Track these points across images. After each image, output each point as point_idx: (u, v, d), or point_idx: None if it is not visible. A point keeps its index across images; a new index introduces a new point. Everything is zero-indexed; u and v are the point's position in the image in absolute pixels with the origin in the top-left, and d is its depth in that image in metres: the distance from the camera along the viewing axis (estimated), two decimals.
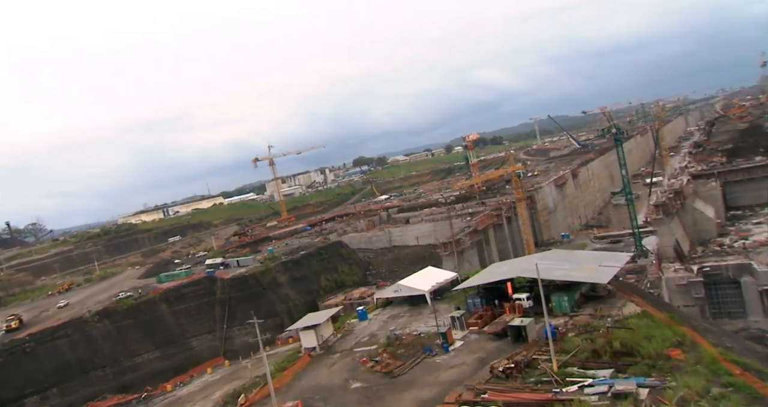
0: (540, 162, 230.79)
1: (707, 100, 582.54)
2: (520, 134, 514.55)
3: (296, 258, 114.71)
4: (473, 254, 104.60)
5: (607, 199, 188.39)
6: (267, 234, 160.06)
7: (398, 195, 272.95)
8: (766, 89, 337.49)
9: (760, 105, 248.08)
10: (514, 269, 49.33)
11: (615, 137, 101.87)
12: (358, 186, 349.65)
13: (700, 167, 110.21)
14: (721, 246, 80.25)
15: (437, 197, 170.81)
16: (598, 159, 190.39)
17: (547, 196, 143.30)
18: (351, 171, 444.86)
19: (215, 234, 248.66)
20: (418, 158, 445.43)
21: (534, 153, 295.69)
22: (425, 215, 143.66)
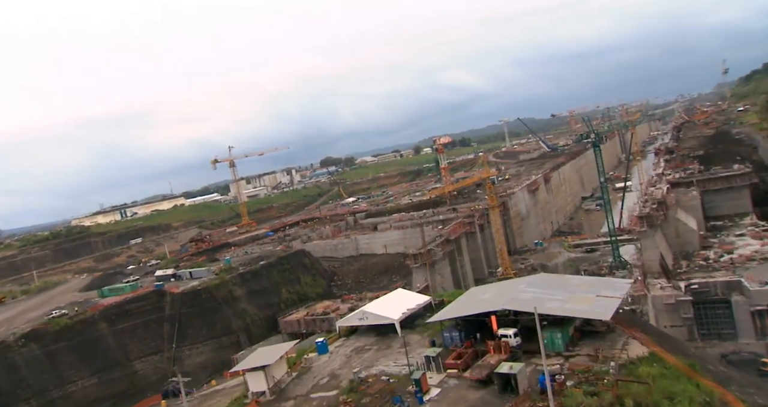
0: (510, 165, 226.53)
1: (667, 105, 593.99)
2: (488, 135, 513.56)
3: (255, 269, 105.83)
4: (445, 265, 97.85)
5: (578, 204, 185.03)
6: (226, 240, 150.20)
7: (366, 198, 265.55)
8: (726, 95, 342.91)
9: (722, 111, 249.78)
10: (499, 298, 42.35)
11: (593, 142, 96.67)
12: (325, 187, 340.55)
13: (677, 174, 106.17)
14: (707, 261, 75.52)
15: (406, 202, 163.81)
16: (569, 163, 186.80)
17: (520, 202, 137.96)
18: (318, 172, 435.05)
19: (174, 237, 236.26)
20: (387, 159, 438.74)
21: (503, 156, 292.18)
22: (394, 222, 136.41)
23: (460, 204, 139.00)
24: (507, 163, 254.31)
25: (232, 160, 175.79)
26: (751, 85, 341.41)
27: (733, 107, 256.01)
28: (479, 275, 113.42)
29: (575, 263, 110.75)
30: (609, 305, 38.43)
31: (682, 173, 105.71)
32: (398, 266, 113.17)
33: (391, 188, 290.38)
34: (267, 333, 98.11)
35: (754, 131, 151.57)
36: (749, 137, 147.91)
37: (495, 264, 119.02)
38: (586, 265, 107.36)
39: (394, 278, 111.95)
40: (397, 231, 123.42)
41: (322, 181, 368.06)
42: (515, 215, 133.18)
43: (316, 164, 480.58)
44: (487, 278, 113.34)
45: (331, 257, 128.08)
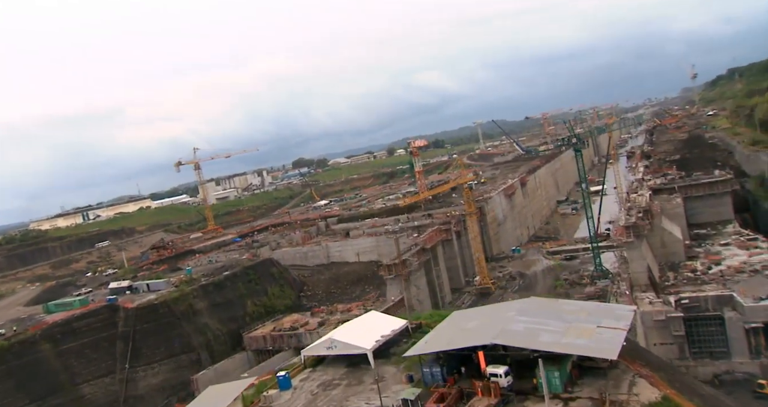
0: (485, 168, 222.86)
1: (636, 108, 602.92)
2: (462, 137, 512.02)
3: (218, 280, 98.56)
4: (421, 276, 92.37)
5: (553, 208, 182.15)
6: (190, 247, 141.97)
7: (339, 200, 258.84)
8: (694, 99, 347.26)
9: (692, 115, 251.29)
10: (486, 328, 36.84)
11: (575, 147, 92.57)
12: (297, 189, 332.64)
13: (658, 180, 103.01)
14: (695, 272, 71.78)
15: (380, 206, 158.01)
16: (545, 167, 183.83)
17: (497, 207, 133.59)
18: (290, 173, 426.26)
19: (138, 242, 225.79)
20: (360, 161, 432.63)
21: (477, 158, 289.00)
22: (367, 228, 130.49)
23: (435, 209, 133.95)
24: (481, 165, 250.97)
25: (197, 162, 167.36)
26: (717, 90, 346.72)
27: (702, 111, 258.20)
28: (456, 284, 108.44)
29: (555, 270, 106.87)
30: (613, 339, 33.32)
31: (663, 179, 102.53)
32: (371, 275, 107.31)
33: (364, 190, 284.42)
34: (231, 349, 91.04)
35: (727, 135, 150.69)
36: (723, 141, 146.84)
37: (472, 272, 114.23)
38: (566, 273, 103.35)
39: (367, 288, 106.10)
40: (370, 238, 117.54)
41: (294, 183, 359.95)
42: (492, 220, 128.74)
43: (288, 165, 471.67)
44: (464, 288, 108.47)
45: (300, 266, 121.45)
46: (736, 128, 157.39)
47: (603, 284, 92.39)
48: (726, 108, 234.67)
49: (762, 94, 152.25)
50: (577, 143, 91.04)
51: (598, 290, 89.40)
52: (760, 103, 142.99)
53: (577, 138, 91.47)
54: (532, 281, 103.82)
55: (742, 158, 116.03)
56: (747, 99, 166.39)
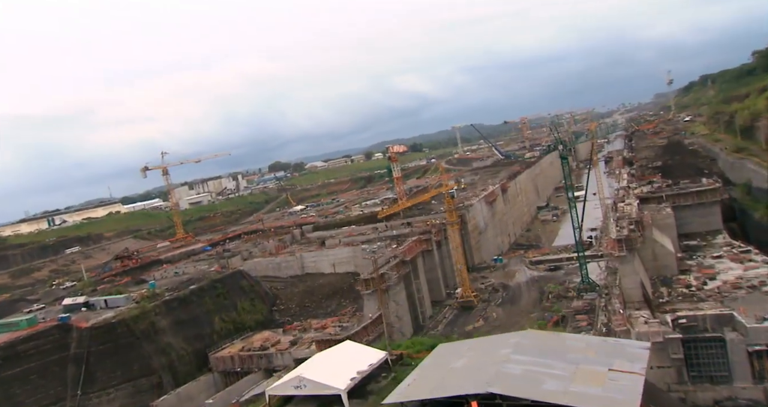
0: (464, 173, 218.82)
1: (610, 114, 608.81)
2: (440, 141, 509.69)
3: (183, 295, 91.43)
4: (400, 290, 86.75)
5: (533, 214, 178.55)
6: (157, 257, 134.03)
7: (315, 205, 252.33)
8: (670, 104, 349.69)
9: (668, 121, 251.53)
10: (479, 371, 31.41)
11: (561, 154, 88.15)
12: (273, 194, 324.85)
13: (644, 188, 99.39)
14: (689, 288, 67.65)
15: (357, 213, 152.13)
16: (525, 172, 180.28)
17: (478, 214, 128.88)
18: (266, 177, 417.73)
19: (106, 249, 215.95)
20: (337, 165, 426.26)
21: (456, 163, 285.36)
22: (344, 236, 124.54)
23: (414, 217, 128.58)
24: (460, 170, 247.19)
25: (165, 167, 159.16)
26: (691, 96, 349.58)
27: (678, 116, 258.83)
28: (437, 297, 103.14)
29: (539, 282, 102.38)
30: (630, 387, 28.21)
31: (650, 187, 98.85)
32: (348, 288, 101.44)
33: (342, 195, 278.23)
34: (196, 370, 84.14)
35: (707, 142, 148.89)
36: (704, 148, 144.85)
37: (453, 284, 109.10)
38: (551, 286, 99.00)
39: (344, 302, 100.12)
40: (347, 248, 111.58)
41: (270, 187, 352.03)
42: (473, 228, 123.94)
43: (264, 169, 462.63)
44: (445, 300, 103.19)
45: (273, 277, 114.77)
46: (716, 134, 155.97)
47: (590, 297, 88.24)
48: (702, 114, 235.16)
49: (740, 100, 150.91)
50: (564, 149, 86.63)
51: (586, 304, 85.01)
52: (739, 109, 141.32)
53: (563, 145, 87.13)
54: (516, 294, 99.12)
55: (726, 165, 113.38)
56: (725, 105, 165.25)
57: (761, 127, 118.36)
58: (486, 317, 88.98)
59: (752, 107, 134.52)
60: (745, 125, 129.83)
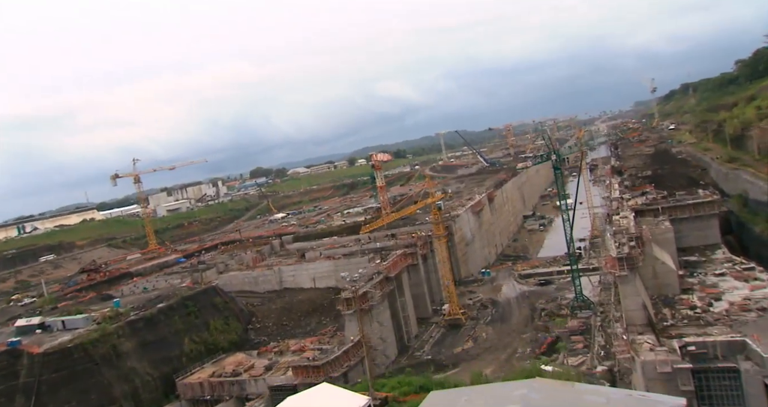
0: (449, 180, 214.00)
1: (592, 121, 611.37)
2: (423, 147, 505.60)
3: (150, 315, 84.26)
4: (384, 309, 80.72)
5: (520, 223, 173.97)
6: (127, 270, 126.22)
7: (297, 213, 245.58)
8: (652, 112, 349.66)
9: (652, 129, 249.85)
10: None
11: (554, 165, 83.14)
12: (254, 201, 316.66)
13: (638, 199, 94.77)
14: (694, 310, 62.65)
15: (339, 223, 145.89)
16: (511, 181, 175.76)
17: (465, 225, 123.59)
18: (248, 183, 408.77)
19: (78, 259, 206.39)
20: (320, 171, 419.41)
21: (440, 170, 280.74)
22: (324, 249, 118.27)
23: (399, 228, 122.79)
24: (445, 177, 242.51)
25: (137, 175, 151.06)
26: (672, 104, 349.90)
27: (661, 124, 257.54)
28: (423, 313, 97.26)
29: (530, 298, 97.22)
30: None
31: (644, 198, 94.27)
32: (329, 305, 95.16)
33: (324, 203, 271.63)
34: (162, 398, 77.20)
35: (697, 151, 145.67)
36: (694, 157, 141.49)
37: (439, 299, 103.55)
38: (543, 302, 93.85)
39: (324, 320, 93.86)
40: (328, 262, 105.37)
41: (250, 193, 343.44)
42: (460, 240, 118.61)
43: (246, 175, 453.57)
44: (432, 318, 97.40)
45: (249, 293, 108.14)
46: (704, 143, 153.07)
47: (585, 316, 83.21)
48: (686, 122, 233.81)
49: (728, 109, 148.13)
50: (556, 159, 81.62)
51: (581, 323, 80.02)
52: (728, 118, 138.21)
53: (557, 155, 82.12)
54: (506, 311, 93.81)
55: (719, 175, 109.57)
56: (713, 114, 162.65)
57: (753, 136, 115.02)
58: (475, 337, 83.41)
59: (741, 115, 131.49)
60: (735, 134, 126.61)
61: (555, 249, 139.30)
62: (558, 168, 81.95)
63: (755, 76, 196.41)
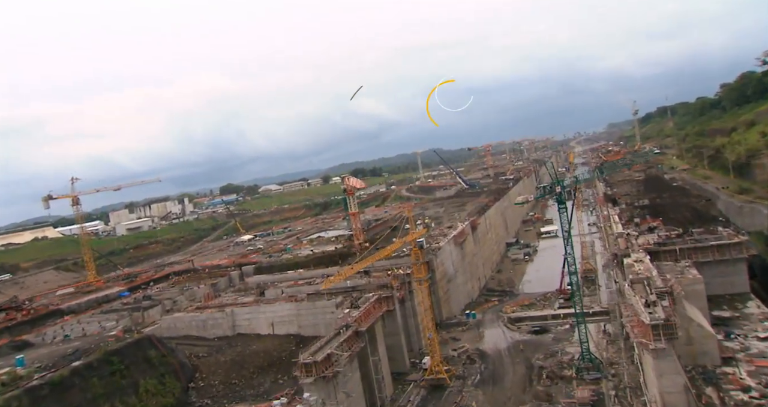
0: (427, 203, 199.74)
1: (567, 141, 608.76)
2: (400, 165, 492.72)
3: (60, 377, 66.50)
4: (353, 373, 64.72)
5: (503, 252, 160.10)
6: (57, 306, 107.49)
7: (265, 234, 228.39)
8: (629, 133, 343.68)
9: (635, 152, 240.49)
10: None
11: (557, 197, 68.97)
12: (222, 220, 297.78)
13: (648, 236, 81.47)
14: (747, 392, 48.64)
15: (307, 252, 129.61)
16: (494, 206, 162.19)
17: (447, 259, 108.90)
18: (217, 200, 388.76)
19: (20, 284, 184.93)
20: (293, 188, 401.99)
21: (417, 190, 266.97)
22: (287, 286, 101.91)
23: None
24: (422, 199, 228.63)
25: (76, 196, 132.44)
26: (651, 127, 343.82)
27: (643, 148, 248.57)
28: (399, 367, 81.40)
29: (524, 351, 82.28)
30: None
31: (654, 236, 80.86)
32: (287, 358, 78.66)
33: (296, 223, 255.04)
34: None
35: (695, 178, 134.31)
36: (692, 185, 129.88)
37: (419, 348, 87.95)
38: (540, 357, 78.90)
39: (281, 378, 77.09)
40: (289, 305, 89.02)
41: (219, 211, 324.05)
42: (441, 277, 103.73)
43: (216, 191, 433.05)
44: (410, 372, 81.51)
45: (196, 339, 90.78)
46: (699, 170, 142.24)
47: (594, 378, 68.48)
48: (670, 146, 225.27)
49: (725, 134, 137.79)
50: (562, 192, 67.57)
51: (592, 392, 65.01)
52: (728, 144, 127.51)
53: (561, 186, 68.09)
54: (497, 367, 78.63)
55: (731, 209, 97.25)
56: (706, 139, 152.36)
57: (764, 165, 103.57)
58: (463, 406, 67.85)
59: (743, 141, 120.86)
60: (738, 162, 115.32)
61: (542, 282, 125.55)
62: (563, 202, 67.86)
63: (742, 100, 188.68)
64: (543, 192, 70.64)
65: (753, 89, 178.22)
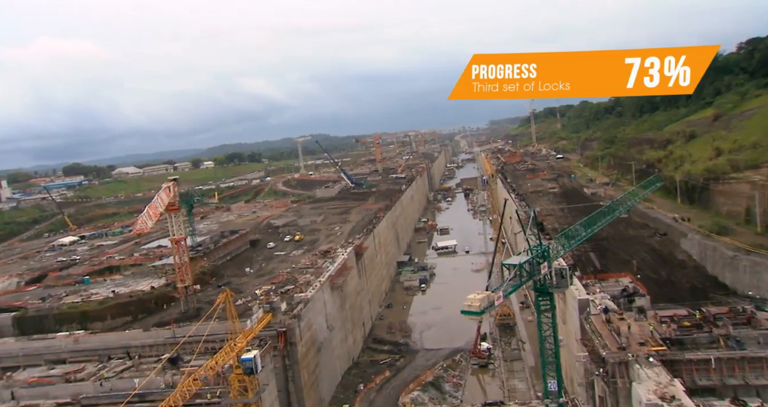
0: (303, 207, 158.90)
1: (452, 135, 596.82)
2: (283, 150, 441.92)
3: None
4: None
5: (393, 276, 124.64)
6: None
7: (99, 234, 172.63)
8: (513, 131, 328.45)
9: (532, 155, 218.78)
10: None
11: (539, 285, 32.18)
12: (51, 210, 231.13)
13: (641, 322, 48.71)
14: None
15: (107, 293, 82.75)
16: (385, 218, 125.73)
17: (319, 314, 70.04)
18: (59, 182, 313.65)
19: None
20: (156, 172, 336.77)
21: (296, 185, 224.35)
22: (41, 371, 56.19)
23: (203, 323, 64.86)
24: (300, 196, 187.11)
25: None
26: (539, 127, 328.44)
27: (540, 150, 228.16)
28: None
29: None
30: None
31: (653, 322, 47.68)
32: None
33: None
34: None
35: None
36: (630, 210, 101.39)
37: None
38: None
39: None
40: None
41: (51, 199, 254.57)
42: (309, 347, 64.67)
43: (59, 172, 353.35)
44: None
45: None
46: (624, 186, 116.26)
47: None
48: (568, 150, 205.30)
49: (659, 145, 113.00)
50: (549, 275, 31.30)
51: None
52: (665, 160, 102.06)
53: (548, 261, 31.86)
54: None
55: (713, 257, 67.43)
56: (631, 150, 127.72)
57: (731, 194, 77.00)
58: None
59: (688, 158, 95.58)
60: (690, 184, 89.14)
61: (447, 329, 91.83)
62: (546, 293, 31.95)
63: (646, 108, 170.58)
64: (519, 279, 33.26)
65: (661, 97, 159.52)
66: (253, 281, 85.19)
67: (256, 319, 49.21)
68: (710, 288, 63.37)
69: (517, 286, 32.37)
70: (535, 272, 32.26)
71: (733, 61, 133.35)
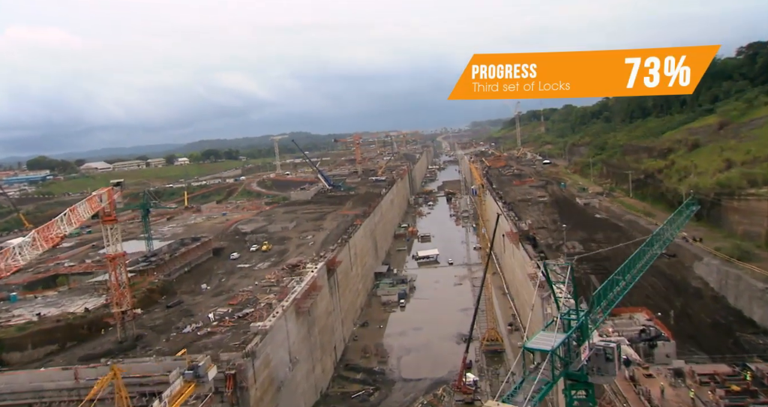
0: (276, 210, 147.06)
1: (434, 136, 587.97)
2: (262, 148, 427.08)
3: None
4: None
5: (370, 290, 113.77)
6: None
7: None
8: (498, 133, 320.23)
9: (517, 158, 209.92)
10: None
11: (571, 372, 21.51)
12: (8, 207, 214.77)
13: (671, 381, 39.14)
14: None
15: (30, 317, 70.19)
16: (363, 225, 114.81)
17: (280, 347, 58.83)
18: (22, 176, 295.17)
19: None
20: (127, 168, 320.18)
21: (271, 185, 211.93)
22: None
23: (155, 348, 53.46)
24: (275, 197, 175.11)
25: None
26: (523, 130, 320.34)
27: (524, 154, 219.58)
28: None
29: None
30: None
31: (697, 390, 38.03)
32: None
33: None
34: None
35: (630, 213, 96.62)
36: (631, 224, 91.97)
37: None
38: None
39: None
40: None
41: (11, 194, 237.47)
42: (263, 391, 53.46)
43: (23, 165, 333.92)
44: None
45: None
46: (622, 198, 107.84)
47: None
48: (554, 155, 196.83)
49: (660, 155, 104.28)
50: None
51: None
52: (667, 170, 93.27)
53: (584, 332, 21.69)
54: None
55: (736, 288, 58.65)
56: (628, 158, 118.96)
57: (748, 212, 68.14)
58: None
59: (694, 169, 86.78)
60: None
61: (428, 355, 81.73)
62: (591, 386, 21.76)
63: (636, 113, 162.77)
64: (552, 373, 22.49)
65: (653, 102, 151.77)
66: (208, 301, 73.55)
67: (170, 394, 37.39)
68: (735, 325, 54.29)
69: (550, 385, 21.01)
70: (572, 358, 21.74)
71: (732, 66, 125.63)
